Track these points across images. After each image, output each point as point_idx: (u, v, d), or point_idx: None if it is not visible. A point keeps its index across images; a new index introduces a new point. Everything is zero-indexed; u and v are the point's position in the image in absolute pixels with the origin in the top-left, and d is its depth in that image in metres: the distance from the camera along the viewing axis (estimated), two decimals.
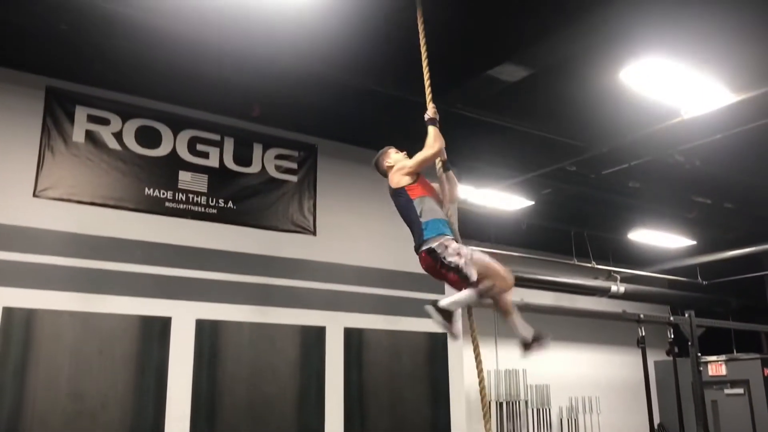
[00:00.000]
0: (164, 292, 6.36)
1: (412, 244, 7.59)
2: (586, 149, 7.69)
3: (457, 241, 4.09)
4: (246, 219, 7.01)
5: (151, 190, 6.53)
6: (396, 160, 4.35)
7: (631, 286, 12.45)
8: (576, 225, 11.37)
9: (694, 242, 11.85)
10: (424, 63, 4.44)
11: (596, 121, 7.20)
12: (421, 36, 4.47)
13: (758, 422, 11.72)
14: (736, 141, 7.45)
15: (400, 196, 4.20)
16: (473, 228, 10.55)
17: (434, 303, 4.07)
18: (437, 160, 4.32)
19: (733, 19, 5.35)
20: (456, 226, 4.30)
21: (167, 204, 6.58)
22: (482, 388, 4.35)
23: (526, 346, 4.39)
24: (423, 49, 4.45)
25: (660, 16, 5.15)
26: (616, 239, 11.89)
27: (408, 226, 4.25)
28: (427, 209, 4.12)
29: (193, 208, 6.71)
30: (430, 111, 4.30)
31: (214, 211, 6.83)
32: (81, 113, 6.31)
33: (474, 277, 3.97)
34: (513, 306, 4.31)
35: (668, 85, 6.13)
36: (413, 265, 7.70)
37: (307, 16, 5.21)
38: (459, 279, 4.03)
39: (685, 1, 4.99)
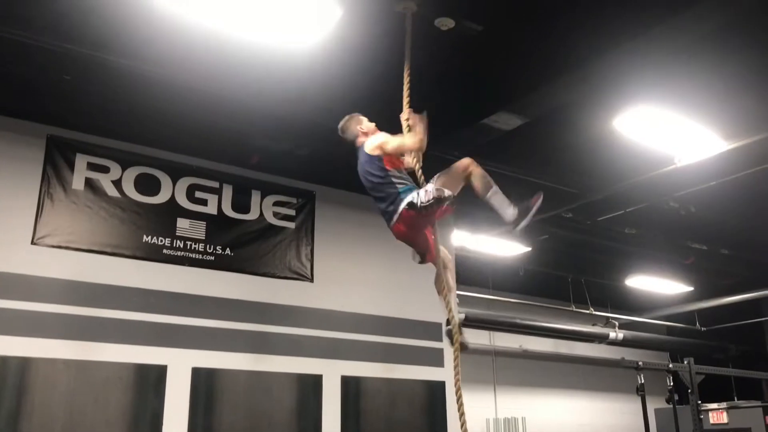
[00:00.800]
0: (160, 340, 6.32)
1: (410, 291, 7.57)
2: (582, 196, 7.77)
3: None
4: (243, 266, 7.01)
5: (149, 237, 6.54)
6: (370, 128, 4.58)
7: (630, 333, 12.41)
8: (573, 271, 11.39)
9: (692, 288, 11.85)
10: (406, 104, 4.55)
11: (591, 168, 7.28)
12: (405, 87, 4.58)
13: None
14: (730, 188, 7.54)
15: (373, 164, 4.32)
16: (471, 274, 10.56)
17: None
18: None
19: (724, 69, 5.48)
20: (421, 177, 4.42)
21: (165, 251, 6.59)
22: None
23: (515, 221, 4.35)
24: (406, 95, 4.56)
25: (652, 65, 5.26)
26: (613, 285, 11.89)
27: (373, 190, 4.37)
28: (403, 178, 4.33)
29: (190, 255, 6.72)
30: (407, 113, 4.49)
31: (212, 258, 6.84)
32: (81, 161, 6.37)
33: (449, 192, 4.16)
34: (490, 180, 4.37)
35: (661, 133, 6.23)
36: (411, 312, 7.74)
37: (305, 66, 5.32)
38: (445, 207, 4.23)
39: (677, 51, 5.09)
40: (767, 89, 5.84)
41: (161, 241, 6.59)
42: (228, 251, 6.95)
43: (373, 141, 4.39)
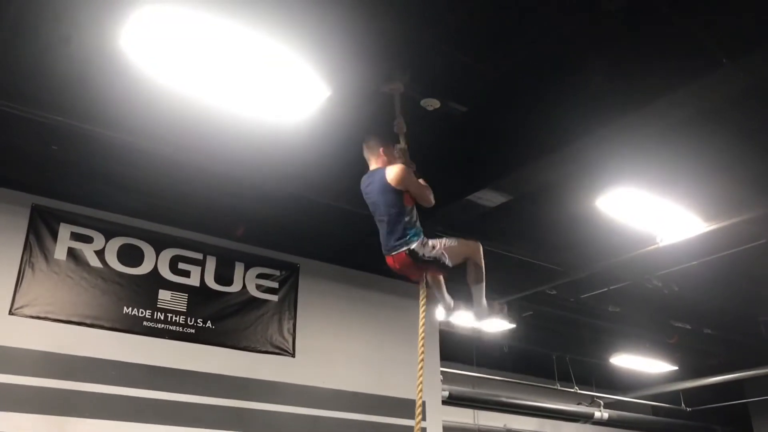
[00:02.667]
0: (137, 416, 6.14)
1: (393, 368, 7.47)
2: (565, 273, 7.80)
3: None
4: (224, 339, 6.91)
5: (130, 308, 6.46)
6: (390, 155, 4.62)
7: (615, 413, 12.25)
8: (558, 348, 11.33)
9: (677, 368, 11.79)
10: None
11: (574, 245, 7.35)
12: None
13: None
14: (712, 268, 7.62)
15: (395, 195, 4.37)
16: (456, 350, 10.46)
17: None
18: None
19: (703, 152, 5.62)
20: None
21: (145, 323, 6.49)
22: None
23: (479, 314, 4.90)
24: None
25: (634, 148, 5.39)
26: (598, 363, 11.81)
27: (381, 217, 4.43)
28: (414, 219, 4.44)
29: (171, 327, 6.62)
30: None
31: (192, 330, 6.74)
32: (65, 231, 6.33)
33: (450, 263, 4.42)
34: (483, 275, 4.71)
35: (643, 213, 6.33)
36: (396, 389, 7.62)
37: (293, 141, 5.39)
38: (438, 269, 4.50)
39: (658, 135, 5.22)
40: (743, 172, 5.98)
41: (142, 312, 6.50)
42: (209, 324, 6.85)
43: (400, 171, 4.39)
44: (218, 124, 5.19)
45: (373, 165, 4.66)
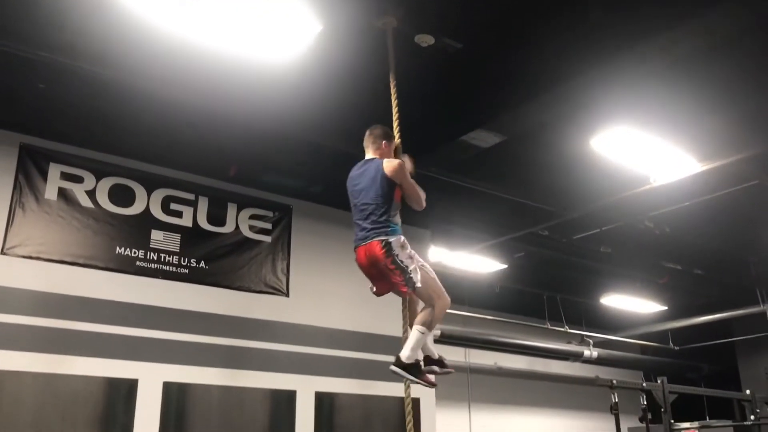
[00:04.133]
0: (131, 354, 6.21)
1: (386, 307, 7.52)
2: (558, 214, 7.81)
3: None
4: (218, 279, 6.94)
5: (123, 249, 6.45)
6: (389, 153, 4.43)
7: (604, 351, 12.47)
8: (549, 289, 11.43)
9: (666, 308, 11.95)
10: (395, 120, 4.54)
11: (568, 186, 7.33)
12: (394, 100, 4.56)
13: None
14: (704, 208, 7.63)
15: (388, 186, 4.17)
16: (447, 290, 10.54)
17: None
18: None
19: (699, 92, 5.55)
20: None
21: (138, 263, 6.50)
22: None
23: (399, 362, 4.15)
24: (395, 110, 4.56)
25: (629, 87, 5.32)
26: (588, 303, 11.95)
27: (365, 209, 4.20)
28: (397, 216, 4.25)
29: (164, 267, 6.63)
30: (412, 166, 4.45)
31: (186, 271, 6.75)
32: (54, 171, 6.27)
33: (418, 284, 4.05)
34: (432, 326, 4.20)
35: (638, 153, 6.29)
36: (386, 327, 7.68)
37: (285, 80, 5.30)
38: (401, 281, 4.06)
39: (654, 73, 5.16)
40: (739, 112, 5.94)
41: (135, 253, 6.50)
42: (203, 264, 6.87)
43: (397, 165, 4.20)
44: (209, 62, 5.08)
45: (370, 154, 4.45)
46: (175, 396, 6.34)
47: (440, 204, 7.85)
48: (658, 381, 8.81)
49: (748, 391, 9.90)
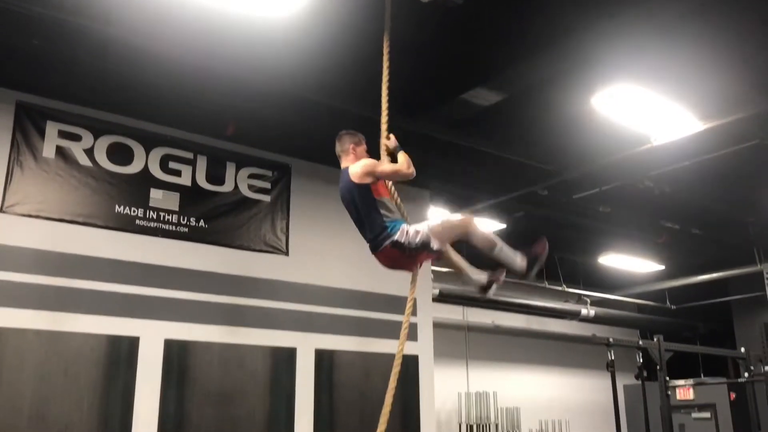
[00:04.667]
0: (133, 311, 6.26)
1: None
2: (558, 173, 7.79)
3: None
4: (217, 238, 6.95)
5: (122, 207, 6.45)
6: (361, 153, 4.39)
7: (601, 310, 12.58)
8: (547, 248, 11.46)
9: (663, 267, 12.02)
10: (384, 87, 4.46)
11: (568, 145, 7.30)
12: (385, 61, 4.48)
13: None
14: (704, 168, 7.62)
15: (360, 192, 4.15)
16: None
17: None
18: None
19: (702, 49, 5.49)
20: (404, 209, 4.40)
21: (138, 222, 6.51)
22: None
23: (526, 271, 4.48)
24: (385, 74, 4.46)
25: (631, 44, 5.26)
26: (586, 263, 12.02)
27: (359, 220, 4.24)
28: (388, 210, 4.20)
29: (164, 226, 6.64)
30: (394, 140, 4.38)
31: (186, 229, 6.76)
32: (52, 129, 6.23)
33: (437, 245, 4.13)
34: (493, 238, 4.39)
35: (639, 112, 6.25)
36: (386, 286, 7.74)
37: (283, 37, 5.24)
38: (429, 254, 4.20)
39: (656, 30, 5.10)
40: (743, 70, 5.88)
41: (134, 211, 6.50)
42: (202, 223, 6.88)
43: (360, 166, 4.16)
44: (208, 20, 5.02)
45: (344, 163, 4.37)
46: (176, 353, 6.41)
47: (439, 164, 7.82)
48: (655, 339, 8.92)
49: (743, 349, 10.03)
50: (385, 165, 4.26)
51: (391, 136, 4.41)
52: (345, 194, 4.28)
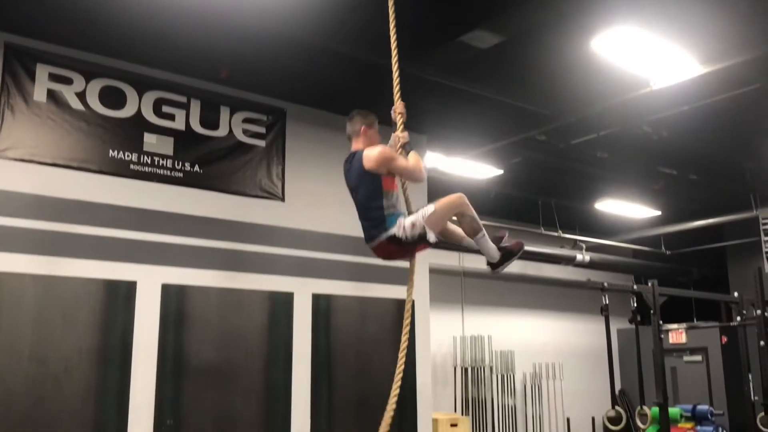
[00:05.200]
0: (129, 256, 6.27)
1: None
2: (556, 118, 7.73)
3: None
4: (213, 183, 6.92)
5: (116, 152, 6.39)
6: (373, 136, 4.21)
7: (597, 255, 12.65)
8: (544, 194, 11.47)
9: (659, 213, 12.04)
10: (392, 33, 4.28)
11: (566, 90, 7.22)
12: (391, 6, 4.34)
13: (714, 387, 12.08)
14: (702, 113, 7.56)
15: (369, 180, 3.99)
16: (443, 196, 10.58)
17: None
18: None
19: None
20: (410, 204, 4.28)
21: (132, 166, 6.46)
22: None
23: (497, 264, 4.48)
24: (392, 18, 4.30)
25: None
26: (583, 209, 12.03)
27: (361, 208, 4.11)
28: (393, 203, 4.06)
29: (158, 171, 6.60)
30: (405, 135, 4.20)
31: (180, 174, 6.72)
32: (42, 72, 6.12)
33: (433, 237, 4.04)
34: (478, 222, 4.31)
35: (639, 55, 6.15)
36: None
37: None
38: (425, 246, 4.11)
39: None
40: (745, 12, 5.77)
41: (128, 156, 6.45)
42: (197, 168, 6.83)
43: (377, 153, 3.96)
44: None
45: (354, 145, 4.21)
46: (173, 297, 6.45)
47: (437, 108, 7.75)
48: (649, 284, 8.99)
49: (736, 294, 10.14)
50: (401, 160, 4.06)
51: (406, 132, 4.22)
52: (352, 179, 4.11)
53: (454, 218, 4.36)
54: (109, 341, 6.04)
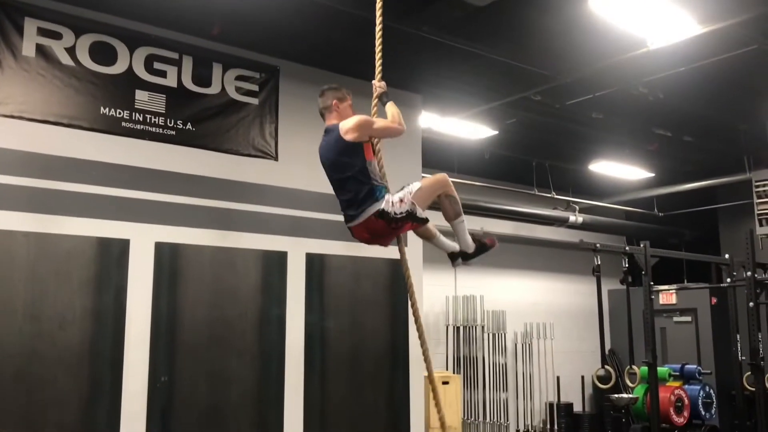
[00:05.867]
0: (122, 215, 6.25)
1: None
2: (552, 78, 7.67)
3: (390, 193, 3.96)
4: (205, 142, 6.86)
5: (107, 109, 6.32)
6: (346, 110, 4.09)
7: (589, 217, 12.68)
8: (538, 155, 11.45)
9: (653, 175, 12.04)
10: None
11: (563, 49, 7.14)
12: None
13: (703, 347, 12.25)
14: (699, 74, 7.51)
15: (350, 150, 3.84)
16: (437, 157, 10.54)
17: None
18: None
19: None
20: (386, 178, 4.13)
21: (124, 124, 6.39)
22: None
23: (468, 255, 4.40)
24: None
25: None
26: (577, 170, 12.02)
27: (341, 181, 3.93)
28: (375, 173, 3.92)
29: (150, 129, 6.53)
30: (383, 85, 4.11)
31: (173, 132, 6.66)
32: (30, 26, 6.01)
33: (422, 213, 3.94)
34: (459, 206, 4.25)
35: (636, 15, 6.08)
36: None
37: None
38: (413, 226, 4.01)
39: None
40: None
41: (119, 113, 6.38)
42: (189, 126, 6.77)
43: (353, 121, 3.84)
44: None
45: (328, 121, 4.09)
46: (167, 256, 6.45)
47: (432, 67, 7.67)
48: (641, 245, 9.04)
49: (727, 256, 10.21)
50: (379, 121, 3.96)
51: (383, 81, 4.12)
52: (329, 154, 3.95)
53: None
54: (103, 298, 6.06)
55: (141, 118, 6.48)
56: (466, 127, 9.40)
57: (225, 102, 7.05)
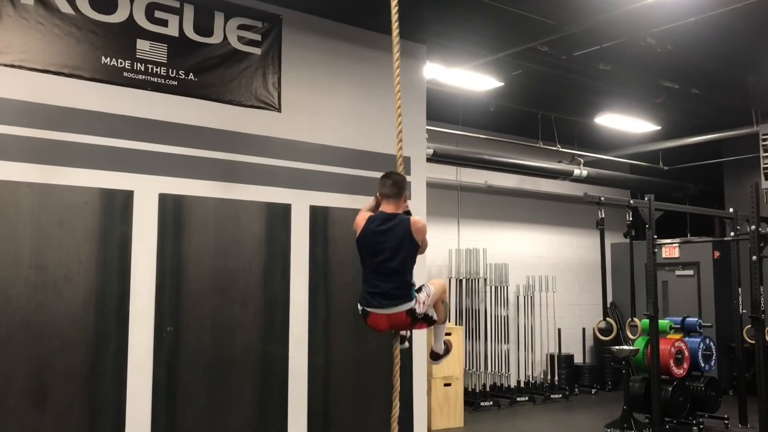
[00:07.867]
0: (125, 166, 6.22)
1: (378, 124, 7.47)
2: (559, 28, 7.54)
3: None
4: (208, 92, 6.79)
5: (108, 58, 6.24)
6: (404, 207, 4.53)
7: (594, 170, 12.65)
8: (544, 108, 11.35)
9: (659, 128, 11.96)
10: None
11: None
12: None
13: (704, 301, 12.34)
14: (708, 25, 7.40)
15: (411, 246, 4.26)
16: (441, 108, 10.47)
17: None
18: None
19: None
20: None
21: (125, 74, 6.32)
22: None
23: (435, 356, 4.97)
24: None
25: None
26: (582, 123, 11.94)
27: (388, 273, 4.25)
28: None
29: (152, 78, 6.46)
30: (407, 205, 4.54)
31: (175, 83, 6.59)
32: None
33: (439, 321, 4.51)
34: (447, 315, 4.74)
35: None
36: (379, 145, 7.72)
37: None
38: (426, 324, 4.46)
39: None
40: None
41: (121, 63, 6.30)
42: (191, 76, 6.69)
43: (424, 226, 4.34)
44: None
45: (385, 206, 4.47)
46: (171, 207, 6.44)
47: (437, 16, 7.54)
48: (645, 199, 9.02)
49: (731, 210, 10.19)
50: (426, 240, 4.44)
51: (408, 200, 4.54)
52: (393, 240, 4.25)
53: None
54: (108, 249, 6.07)
55: (143, 68, 6.41)
56: (472, 79, 9.29)
57: (227, 52, 6.96)
